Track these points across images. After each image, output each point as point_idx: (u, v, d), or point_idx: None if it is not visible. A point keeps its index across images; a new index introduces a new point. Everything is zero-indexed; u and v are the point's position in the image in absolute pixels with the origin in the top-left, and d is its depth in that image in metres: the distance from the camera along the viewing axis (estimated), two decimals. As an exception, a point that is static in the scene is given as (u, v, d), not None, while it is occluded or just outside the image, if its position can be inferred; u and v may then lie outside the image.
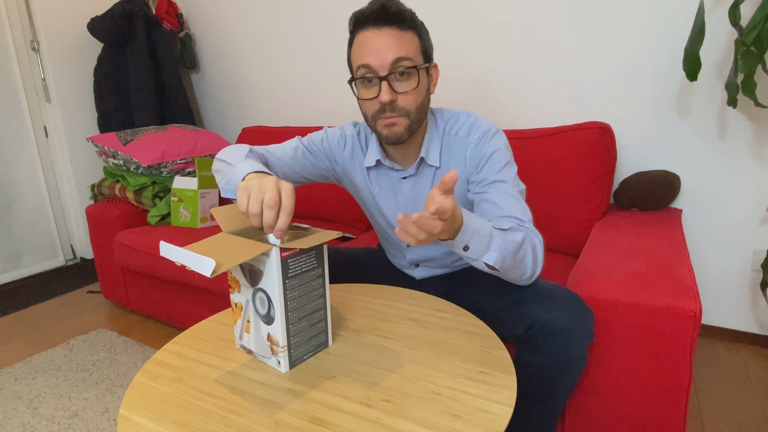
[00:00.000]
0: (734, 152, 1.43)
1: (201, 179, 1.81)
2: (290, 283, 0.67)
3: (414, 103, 0.86)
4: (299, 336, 0.70)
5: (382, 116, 0.86)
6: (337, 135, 1.04)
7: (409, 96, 0.85)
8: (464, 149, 0.93)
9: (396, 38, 0.82)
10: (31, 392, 1.43)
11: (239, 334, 0.76)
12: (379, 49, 0.82)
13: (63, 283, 2.32)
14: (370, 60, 0.82)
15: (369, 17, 0.82)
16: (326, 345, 0.76)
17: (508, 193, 0.88)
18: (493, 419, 0.58)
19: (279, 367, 0.70)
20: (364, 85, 0.87)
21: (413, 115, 0.87)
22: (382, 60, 0.82)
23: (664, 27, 1.43)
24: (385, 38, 0.82)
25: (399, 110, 0.85)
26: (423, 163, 0.96)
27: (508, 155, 0.92)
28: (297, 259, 0.67)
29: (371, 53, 0.82)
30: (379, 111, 0.86)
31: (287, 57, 2.22)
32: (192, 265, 0.59)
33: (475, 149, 0.92)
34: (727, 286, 1.53)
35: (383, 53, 0.82)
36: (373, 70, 0.83)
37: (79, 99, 2.33)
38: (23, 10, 2.16)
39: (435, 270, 1.08)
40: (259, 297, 0.69)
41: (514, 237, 0.79)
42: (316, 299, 0.71)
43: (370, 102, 0.87)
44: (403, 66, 0.82)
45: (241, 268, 0.70)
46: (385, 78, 0.82)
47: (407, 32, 0.83)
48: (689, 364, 0.84)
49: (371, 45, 0.82)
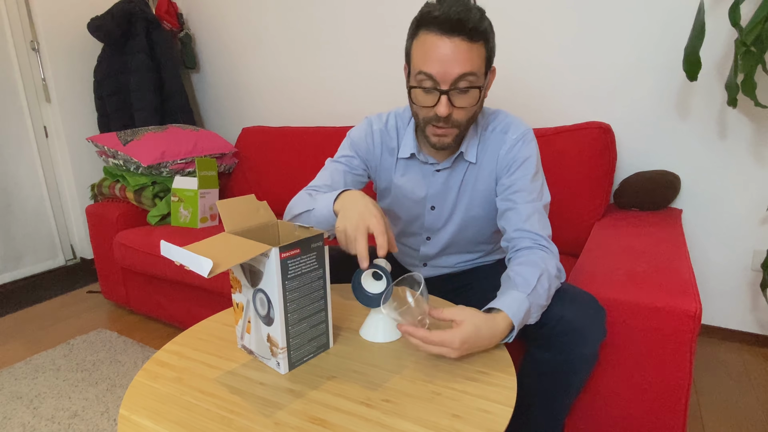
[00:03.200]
0: (734, 152, 1.43)
1: (201, 179, 1.81)
2: (290, 284, 0.66)
3: (468, 116, 0.84)
4: (299, 337, 0.70)
5: (434, 125, 0.85)
6: (363, 134, 1.01)
7: (465, 110, 0.83)
8: (499, 146, 0.93)
9: (465, 51, 0.77)
10: (31, 392, 1.43)
11: (240, 334, 0.76)
12: (445, 61, 0.77)
13: (63, 283, 2.32)
14: (433, 70, 0.78)
15: (443, 23, 0.76)
16: (327, 347, 0.75)
17: (532, 206, 0.88)
18: (493, 419, 0.58)
19: (278, 368, 0.70)
20: (423, 90, 0.83)
21: (464, 126, 0.86)
22: (446, 73, 0.78)
23: (664, 27, 1.43)
24: (454, 49, 0.76)
25: (452, 122, 0.84)
26: (460, 158, 0.95)
27: (539, 163, 0.93)
28: (297, 260, 0.66)
29: (436, 63, 0.77)
30: (432, 118, 0.84)
31: (287, 57, 2.22)
32: (191, 265, 0.59)
33: (510, 149, 0.91)
34: (727, 286, 1.53)
35: (449, 66, 0.77)
36: (435, 80, 0.79)
37: (79, 99, 2.33)
38: (23, 10, 2.16)
39: (441, 270, 1.09)
40: (260, 298, 0.68)
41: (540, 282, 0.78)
42: (316, 300, 0.71)
43: (424, 108, 0.84)
44: (468, 82, 0.79)
45: (242, 268, 0.70)
46: (446, 92, 0.79)
47: (477, 44, 0.78)
48: (689, 364, 0.84)
49: (438, 54, 0.77)
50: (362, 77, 2.03)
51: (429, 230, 1.03)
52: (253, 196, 0.77)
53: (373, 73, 2.00)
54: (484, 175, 0.95)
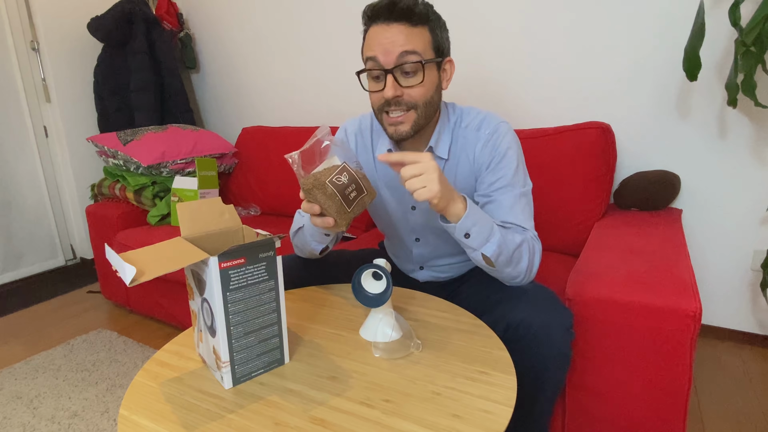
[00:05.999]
0: (734, 152, 1.43)
1: (201, 179, 1.81)
2: (232, 296, 0.62)
3: (421, 97, 0.85)
4: (245, 352, 0.65)
5: (388, 112, 0.86)
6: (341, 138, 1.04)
7: (415, 90, 0.84)
8: (474, 143, 0.93)
9: (404, 33, 0.82)
10: (31, 392, 1.43)
11: (196, 342, 0.73)
12: (385, 44, 0.82)
13: (63, 283, 2.32)
14: (377, 53, 0.83)
15: (380, 12, 0.83)
16: (281, 362, 0.70)
17: (516, 199, 0.89)
18: (493, 419, 0.58)
19: (222, 382, 0.65)
20: (372, 78, 0.87)
21: (421, 108, 0.86)
22: (388, 52, 0.82)
23: (664, 27, 1.43)
24: (394, 33, 0.82)
25: (406, 104, 0.85)
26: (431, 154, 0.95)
27: (519, 153, 0.93)
28: (242, 270, 0.62)
29: (378, 47, 0.82)
30: (384, 105, 0.86)
31: (287, 57, 2.22)
32: (119, 271, 0.55)
33: (485, 145, 0.92)
34: (727, 286, 1.53)
35: (389, 47, 0.82)
36: (379, 63, 0.83)
37: (79, 99, 2.33)
38: (23, 10, 2.16)
39: (439, 274, 1.08)
40: (205, 307, 0.64)
41: (513, 237, 0.83)
42: (266, 314, 0.66)
43: (375, 95, 0.87)
44: (409, 61, 0.82)
45: (192, 275, 0.66)
46: (390, 71, 0.83)
47: (418, 27, 0.83)
48: (689, 364, 0.84)
49: (379, 39, 0.83)
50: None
51: (415, 230, 1.03)
52: (219, 199, 0.75)
53: (373, 73, 1.99)
54: (462, 173, 0.95)
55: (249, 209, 2.07)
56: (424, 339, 0.77)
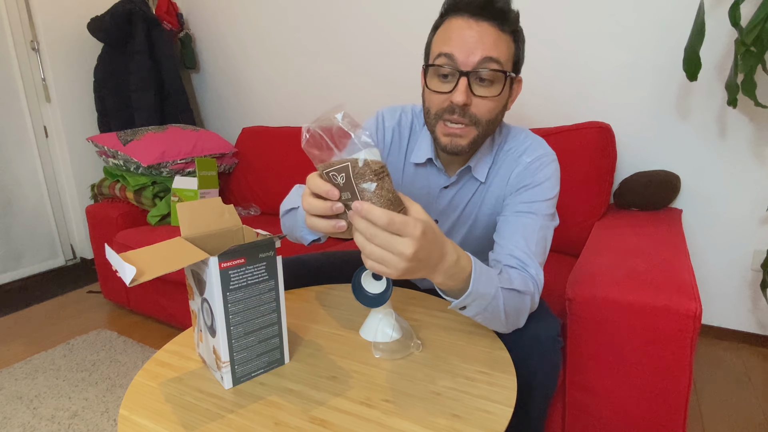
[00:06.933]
0: (734, 152, 1.43)
1: (201, 179, 1.81)
2: (232, 296, 0.62)
3: (488, 113, 0.75)
4: (245, 352, 0.65)
5: (447, 119, 0.76)
6: (373, 128, 0.93)
7: (485, 103, 0.74)
8: (512, 168, 0.85)
9: (493, 37, 0.71)
10: (31, 392, 1.43)
11: (196, 342, 0.73)
12: (470, 42, 0.71)
13: (63, 283, 2.32)
14: (455, 50, 0.72)
15: (469, 4, 0.71)
16: (281, 362, 0.70)
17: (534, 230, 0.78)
18: (493, 419, 0.58)
19: (222, 382, 0.66)
20: (439, 77, 0.75)
21: (482, 126, 0.76)
22: (469, 54, 0.71)
23: (664, 27, 1.43)
24: (482, 33, 0.71)
25: (469, 117, 0.75)
26: (468, 174, 0.87)
27: (556, 188, 0.83)
28: (242, 270, 0.62)
29: (459, 43, 0.71)
30: (445, 110, 0.75)
31: (287, 57, 2.22)
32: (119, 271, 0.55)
33: (523, 171, 0.83)
34: (727, 286, 1.53)
35: (472, 47, 0.71)
36: (455, 62, 0.72)
37: (79, 99, 2.33)
38: (23, 10, 2.16)
39: None
40: (205, 307, 0.64)
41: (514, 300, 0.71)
42: (267, 314, 0.66)
43: (438, 96, 0.75)
44: (490, 68, 0.72)
45: (192, 275, 0.66)
46: (466, 74, 0.72)
47: (506, 34, 0.73)
48: (689, 364, 0.84)
49: (461, 34, 0.71)
50: (363, 77, 2.03)
51: None
52: (219, 199, 0.73)
53: (373, 73, 2.00)
54: (491, 198, 0.88)
55: (249, 209, 2.07)
56: (424, 339, 0.77)
